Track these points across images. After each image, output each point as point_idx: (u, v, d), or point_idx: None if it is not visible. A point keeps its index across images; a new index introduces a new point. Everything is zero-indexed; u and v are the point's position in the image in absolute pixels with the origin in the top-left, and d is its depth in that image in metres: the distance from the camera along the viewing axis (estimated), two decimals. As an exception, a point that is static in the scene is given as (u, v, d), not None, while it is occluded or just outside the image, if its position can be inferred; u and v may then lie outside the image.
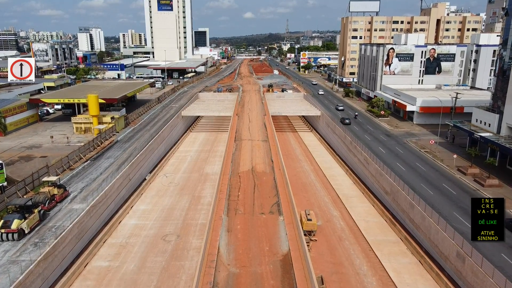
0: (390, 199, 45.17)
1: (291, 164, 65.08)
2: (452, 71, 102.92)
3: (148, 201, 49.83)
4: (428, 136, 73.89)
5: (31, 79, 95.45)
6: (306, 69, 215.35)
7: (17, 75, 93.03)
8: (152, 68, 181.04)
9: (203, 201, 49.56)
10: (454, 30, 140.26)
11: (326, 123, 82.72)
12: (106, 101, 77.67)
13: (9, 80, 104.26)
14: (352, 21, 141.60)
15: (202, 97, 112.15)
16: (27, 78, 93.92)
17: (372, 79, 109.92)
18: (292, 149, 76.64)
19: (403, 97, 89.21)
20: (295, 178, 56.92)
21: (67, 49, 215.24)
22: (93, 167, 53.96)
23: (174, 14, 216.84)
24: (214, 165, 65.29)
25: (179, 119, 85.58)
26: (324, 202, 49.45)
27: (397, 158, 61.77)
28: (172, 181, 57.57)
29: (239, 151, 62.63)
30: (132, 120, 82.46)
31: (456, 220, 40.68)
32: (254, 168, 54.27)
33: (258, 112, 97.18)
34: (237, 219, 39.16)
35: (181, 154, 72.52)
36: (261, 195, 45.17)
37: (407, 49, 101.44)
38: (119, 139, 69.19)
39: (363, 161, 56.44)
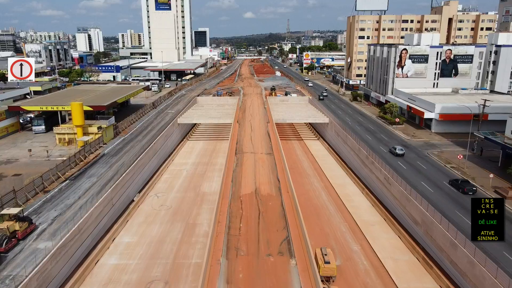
0: (422, 232, 37.71)
1: (298, 180, 57.72)
2: (469, 73, 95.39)
3: (134, 231, 42.45)
4: (450, 147, 66.41)
5: (31, 79, 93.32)
6: (309, 70, 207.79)
7: (17, 75, 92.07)
8: (149, 69, 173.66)
9: (198, 230, 42.18)
10: (467, 30, 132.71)
11: (335, 131, 75.32)
12: (93, 109, 70.25)
13: (9, 80, 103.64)
14: (359, 20, 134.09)
15: (200, 101, 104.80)
16: (27, 78, 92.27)
17: (382, 82, 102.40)
18: (299, 161, 69.27)
19: (419, 102, 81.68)
20: (304, 199, 49.54)
21: (61, 50, 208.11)
22: (72, 188, 46.53)
23: (172, 13, 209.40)
24: (213, 181, 57.95)
25: (175, 127, 78.24)
26: (341, 232, 42.02)
27: (421, 176, 54.26)
28: (164, 203, 50.19)
29: (240, 167, 55.18)
30: (123, 129, 75.02)
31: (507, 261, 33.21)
32: (258, 190, 46.83)
33: (260, 118, 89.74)
34: (238, 264, 31.73)
35: (176, 168, 65.15)
36: (267, 227, 37.74)
37: (421, 50, 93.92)
38: (106, 152, 61.79)
39: (383, 181, 49.01)
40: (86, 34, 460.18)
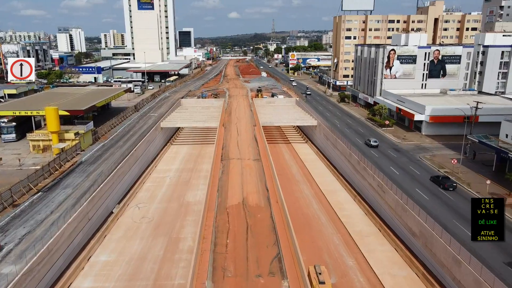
0: (421, 244, 35.54)
1: (288, 187, 55.18)
2: (457, 74, 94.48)
3: (113, 247, 39.24)
4: (442, 150, 64.84)
5: (31, 79, 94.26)
6: (296, 71, 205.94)
7: (17, 75, 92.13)
8: (132, 71, 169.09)
9: (182, 246, 39.19)
10: (452, 30, 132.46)
11: (324, 134, 73.14)
12: (70, 113, 66.50)
13: (9, 80, 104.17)
14: (346, 20, 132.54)
15: (185, 104, 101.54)
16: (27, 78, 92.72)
17: (370, 83, 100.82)
18: (287, 166, 66.74)
19: (409, 104, 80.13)
20: (294, 208, 47.01)
21: (40, 50, 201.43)
22: (44, 202, 43.04)
23: (155, 13, 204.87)
24: (198, 190, 54.91)
25: (158, 132, 74.92)
26: (334, 245, 39.59)
27: (415, 182, 52.34)
28: (145, 214, 47.02)
29: (226, 175, 52.39)
30: (103, 134, 71.37)
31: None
32: (245, 200, 44.13)
33: (247, 121, 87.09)
34: (225, 287, 28.93)
35: (159, 175, 61.88)
36: (257, 243, 35.07)
37: (409, 50, 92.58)
38: (84, 159, 58.23)
39: (377, 188, 46.82)
40: (67, 34, 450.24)
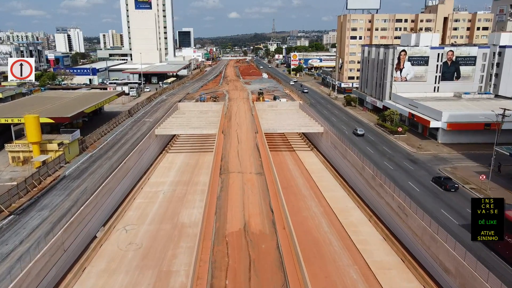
0: (457, 285, 29.76)
1: (294, 203, 49.54)
2: (472, 76, 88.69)
3: (92, 284, 33.42)
4: (462, 161, 59.01)
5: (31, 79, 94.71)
6: (297, 72, 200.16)
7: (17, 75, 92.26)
8: (128, 72, 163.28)
9: (173, 282, 33.33)
10: (463, 29, 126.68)
11: (331, 142, 67.40)
12: (55, 121, 60.77)
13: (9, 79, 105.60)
14: (351, 19, 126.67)
15: (182, 108, 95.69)
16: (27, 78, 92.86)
17: (379, 86, 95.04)
18: (292, 178, 60.97)
19: (422, 109, 74.34)
20: (303, 231, 41.34)
21: (35, 51, 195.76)
22: (15, 228, 37.32)
23: (153, 12, 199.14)
24: (193, 207, 49.15)
25: (152, 139, 69.15)
26: (351, 280, 33.77)
27: (438, 201, 46.53)
28: (133, 240, 41.21)
29: (226, 192, 46.60)
30: (91, 144, 65.70)
31: None
32: (247, 225, 38.34)
33: (248, 127, 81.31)
34: None
35: (151, 190, 56.04)
36: (261, 283, 29.31)
37: (421, 51, 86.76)
38: (68, 173, 52.55)
39: (397, 209, 41.05)
40: (66, 34, 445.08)
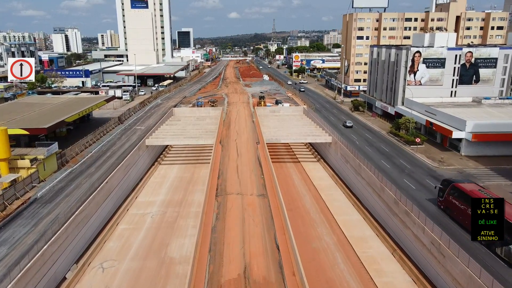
0: None
1: (302, 229, 42.53)
2: (492, 80, 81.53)
3: None
4: (492, 178, 51.82)
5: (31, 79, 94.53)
6: (300, 73, 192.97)
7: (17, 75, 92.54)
8: (123, 74, 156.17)
9: None
10: (476, 29, 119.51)
11: (341, 154, 60.26)
12: (30, 132, 53.62)
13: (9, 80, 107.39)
14: (358, 18, 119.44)
15: (177, 113, 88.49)
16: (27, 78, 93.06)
17: (390, 90, 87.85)
18: (299, 196, 53.78)
19: (441, 117, 67.14)
20: (314, 268, 34.35)
21: (27, 52, 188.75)
22: (-40, 274, 30.17)
23: (150, 12, 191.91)
24: (185, 236, 41.96)
25: (142, 151, 61.98)
26: None
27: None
28: (110, 282, 33.98)
29: (222, 221, 39.43)
30: (73, 157, 58.51)
31: None
32: (248, 269, 31.17)
33: (248, 136, 74.28)
34: None
35: (138, 212, 48.79)
36: None
37: (438, 52, 79.56)
38: (41, 195, 45.40)
39: (429, 246, 33.83)
40: (63, 34, 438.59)
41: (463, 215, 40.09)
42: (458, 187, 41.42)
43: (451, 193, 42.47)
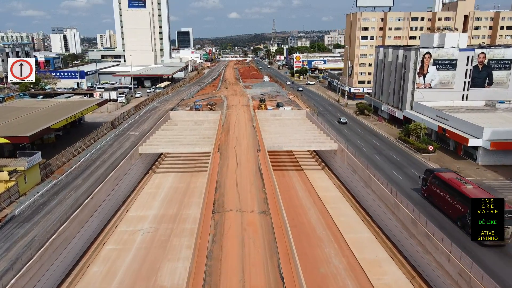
0: None
1: (307, 250, 38.31)
2: (506, 82, 77.21)
3: None
4: (514, 190, 47.50)
5: (31, 79, 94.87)
6: (301, 74, 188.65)
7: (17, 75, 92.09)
8: (119, 75, 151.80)
9: None
10: (485, 29, 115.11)
11: (348, 163, 55.95)
12: (11, 141, 49.26)
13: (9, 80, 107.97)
14: (362, 18, 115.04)
15: (174, 117, 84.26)
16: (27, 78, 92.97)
17: (397, 93, 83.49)
18: (303, 210, 49.45)
19: (455, 122, 62.81)
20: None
21: (22, 52, 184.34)
22: None
23: (147, 11, 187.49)
24: (178, 259, 37.61)
25: (134, 160, 57.64)
26: None
27: (507, 257, 35.01)
28: (90, 318, 29.75)
29: (219, 245, 35.05)
30: (59, 167, 54.13)
31: None
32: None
33: (248, 143, 69.97)
34: None
35: (128, 229, 44.45)
36: None
37: (449, 53, 75.20)
38: (19, 211, 41.05)
39: (457, 278, 29.50)
40: (61, 35, 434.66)
41: (443, 202, 42.87)
42: (439, 176, 44.08)
43: (433, 182, 44.92)
